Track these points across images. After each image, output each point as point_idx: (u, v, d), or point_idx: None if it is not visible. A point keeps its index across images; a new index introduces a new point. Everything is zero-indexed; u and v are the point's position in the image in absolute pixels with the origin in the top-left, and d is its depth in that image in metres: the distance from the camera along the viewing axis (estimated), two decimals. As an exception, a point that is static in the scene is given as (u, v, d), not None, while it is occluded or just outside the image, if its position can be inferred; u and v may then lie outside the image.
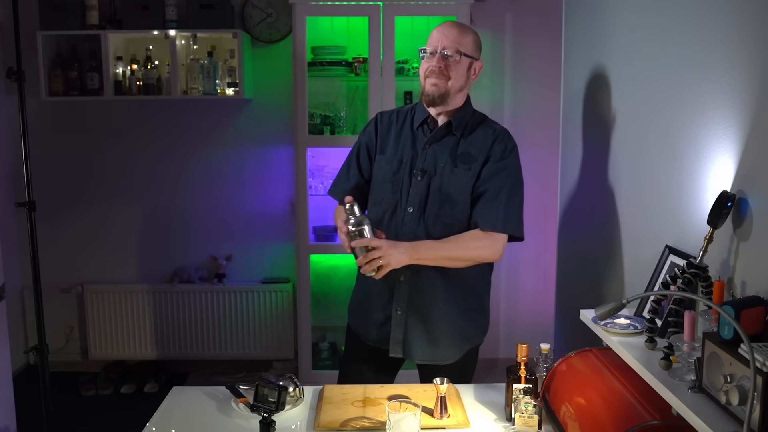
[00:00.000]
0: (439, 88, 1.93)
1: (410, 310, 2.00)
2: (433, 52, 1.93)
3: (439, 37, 1.94)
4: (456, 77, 1.94)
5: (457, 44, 1.92)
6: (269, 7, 3.67)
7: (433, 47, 1.94)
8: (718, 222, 1.45)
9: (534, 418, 1.61)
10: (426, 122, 2.02)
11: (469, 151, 1.96)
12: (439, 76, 1.92)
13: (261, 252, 3.90)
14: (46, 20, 3.51)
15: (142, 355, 3.87)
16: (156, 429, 1.71)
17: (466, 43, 1.95)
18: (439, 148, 1.98)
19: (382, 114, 2.12)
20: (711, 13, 1.62)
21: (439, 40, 1.93)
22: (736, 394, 1.12)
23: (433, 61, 1.93)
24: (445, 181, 1.94)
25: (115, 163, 3.85)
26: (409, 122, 2.04)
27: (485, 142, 1.97)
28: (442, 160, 1.96)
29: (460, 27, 1.96)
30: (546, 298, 3.71)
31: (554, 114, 3.28)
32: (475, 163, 1.95)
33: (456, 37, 1.93)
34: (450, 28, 1.94)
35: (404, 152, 2.00)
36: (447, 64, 1.92)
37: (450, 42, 1.92)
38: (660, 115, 1.93)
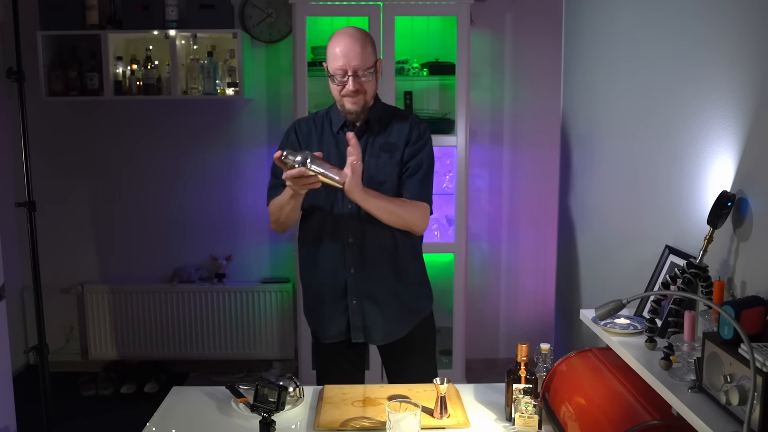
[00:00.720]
0: (359, 105, 2.02)
1: (363, 298, 2.08)
2: (345, 75, 1.98)
3: (345, 59, 1.96)
4: (371, 89, 2.04)
5: (364, 62, 1.97)
6: (269, 7, 3.67)
7: (343, 70, 1.97)
8: (718, 222, 1.45)
9: (534, 418, 1.61)
10: (345, 125, 2.10)
11: (389, 140, 2.08)
12: (356, 95, 2.00)
13: (261, 252, 3.90)
14: (46, 20, 3.51)
15: (142, 355, 3.87)
16: (156, 429, 1.71)
17: (369, 55, 1.99)
18: (362, 144, 2.05)
19: (299, 122, 2.21)
20: (711, 13, 1.62)
21: (346, 63, 1.96)
22: (736, 394, 1.12)
23: (348, 84, 1.98)
24: (373, 171, 2.04)
25: (115, 163, 3.85)
26: (328, 127, 2.13)
27: (403, 130, 2.09)
28: (367, 154, 2.05)
29: (359, 40, 1.98)
30: (546, 298, 3.72)
31: (554, 114, 3.28)
32: (398, 150, 2.07)
33: (360, 54, 1.96)
34: (351, 46, 1.96)
35: (330, 156, 2.07)
36: (360, 83, 1.99)
37: (358, 61, 1.96)
38: (660, 115, 1.93)
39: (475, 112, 3.69)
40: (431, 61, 3.51)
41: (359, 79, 1.98)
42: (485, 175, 3.84)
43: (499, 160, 3.82)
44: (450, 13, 3.31)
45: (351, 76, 1.97)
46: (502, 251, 3.90)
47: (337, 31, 2.02)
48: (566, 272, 3.05)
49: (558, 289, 3.23)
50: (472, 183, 3.75)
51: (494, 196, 3.86)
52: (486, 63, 3.76)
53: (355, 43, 1.97)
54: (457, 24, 3.27)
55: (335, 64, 1.98)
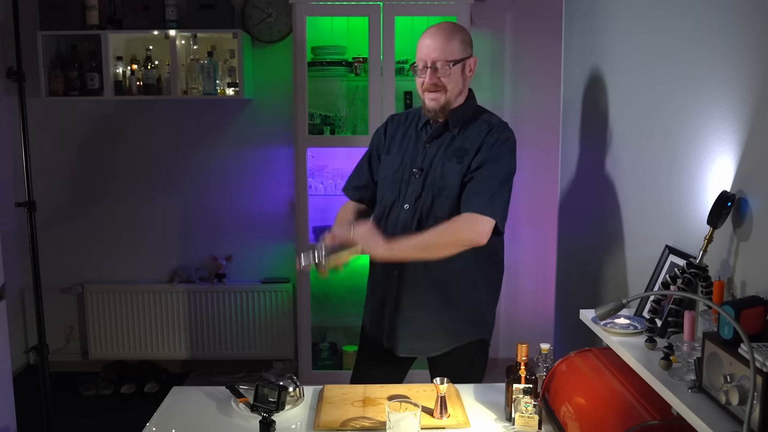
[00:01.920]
0: (438, 102, 1.95)
1: (397, 305, 2.04)
2: (424, 67, 1.92)
3: (426, 50, 1.91)
4: (452, 86, 1.94)
5: (446, 53, 1.90)
6: (269, 7, 3.67)
7: (423, 61, 1.92)
8: (718, 222, 1.45)
9: (534, 418, 1.61)
10: (428, 122, 2.03)
11: (463, 145, 1.96)
12: (436, 90, 1.93)
13: (261, 252, 3.90)
14: (46, 20, 3.51)
15: (142, 355, 3.87)
16: (156, 429, 1.71)
17: (454, 48, 1.92)
18: (437, 146, 2.00)
19: (393, 116, 2.17)
20: (711, 13, 1.62)
21: (427, 54, 1.91)
22: (736, 394, 1.12)
23: (426, 76, 1.92)
24: (437, 176, 1.96)
25: (115, 163, 3.85)
26: (415, 123, 2.07)
27: (480, 135, 1.96)
28: (438, 156, 1.98)
29: (446, 32, 1.92)
30: (546, 298, 3.71)
31: (554, 114, 3.28)
32: (467, 156, 1.94)
33: (443, 46, 1.90)
34: (435, 38, 1.91)
35: (406, 152, 2.03)
36: (440, 77, 1.92)
37: (438, 53, 1.90)
38: (660, 115, 1.93)
39: (475, 112, 3.68)
40: (431, 61, 3.50)
41: (437, 73, 1.90)
42: (485, 175, 3.83)
43: (499, 160, 3.82)
44: (450, 13, 3.31)
45: (429, 68, 1.90)
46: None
47: (432, 25, 1.97)
48: (566, 272, 3.05)
49: (558, 289, 3.23)
50: (472, 183, 3.74)
51: (494, 196, 3.86)
52: (486, 63, 3.76)
53: (438, 34, 1.90)
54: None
55: (418, 54, 1.93)
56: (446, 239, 1.87)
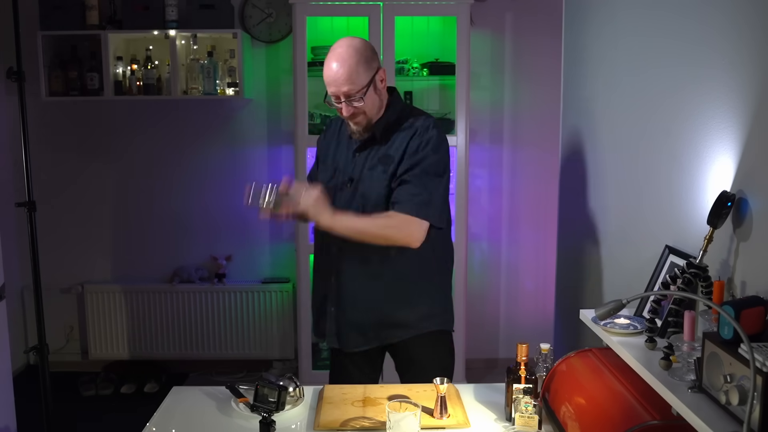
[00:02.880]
0: (361, 124, 1.97)
1: (339, 307, 2.06)
2: (337, 99, 1.93)
3: (335, 85, 1.90)
4: (369, 107, 1.95)
5: (354, 84, 1.89)
6: (269, 7, 3.67)
7: (334, 95, 1.92)
8: (718, 222, 1.45)
9: (534, 418, 1.61)
10: None
11: (388, 152, 1.98)
12: (356, 116, 1.95)
13: (261, 252, 3.90)
14: (46, 20, 3.51)
15: (142, 355, 3.87)
16: (156, 429, 1.71)
17: (360, 75, 1.90)
18: (365, 155, 2.01)
19: (331, 121, 2.18)
20: (711, 13, 1.62)
21: (337, 89, 1.90)
22: (736, 394, 1.12)
23: (343, 108, 1.93)
24: (366, 186, 1.98)
25: (115, 163, 3.85)
26: (345, 130, 2.08)
27: (403, 141, 1.97)
28: (366, 165, 2.00)
29: (346, 62, 1.89)
30: (546, 298, 3.72)
31: (554, 114, 3.28)
32: (392, 164, 1.96)
33: (349, 78, 1.89)
34: (339, 71, 1.89)
35: (338, 161, 2.05)
36: (355, 106, 1.92)
37: (347, 86, 1.89)
38: (660, 115, 1.93)
39: (475, 112, 3.69)
40: (431, 61, 3.51)
41: (352, 103, 1.91)
42: (485, 175, 3.84)
43: (499, 160, 3.82)
44: (450, 13, 3.31)
45: (343, 101, 1.92)
46: (502, 251, 3.90)
47: (332, 48, 1.94)
48: (566, 272, 3.05)
49: (558, 289, 3.23)
50: (472, 183, 3.75)
51: (494, 196, 3.86)
52: (486, 63, 3.76)
53: (341, 68, 1.89)
54: (457, 24, 3.27)
55: (328, 89, 1.93)
56: (382, 233, 1.92)
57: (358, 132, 1.98)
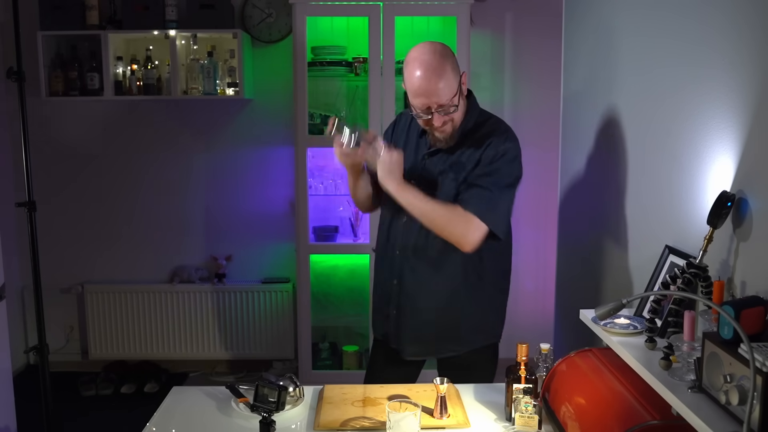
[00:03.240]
0: (447, 134, 1.90)
1: (400, 310, 2.05)
2: (427, 110, 1.83)
3: (425, 96, 1.80)
4: (458, 116, 1.89)
5: (447, 94, 1.81)
6: (269, 7, 3.67)
7: (425, 106, 1.82)
8: (718, 222, 1.45)
9: (534, 418, 1.61)
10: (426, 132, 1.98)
11: (460, 159, 1.92)
12: (443, 127, 1.87)
13: (261, 252, 3.90)
14: (46, 20, 3.51)
15: (142, 355, 3.87)
16: (156, 429, 1.71)
17: (451, 83, 1.82)
18: (437, 158, 1.97)
19: (402, 115, 2.13)
20: (711, 13, 1.62)
21: (428, 99, 1.80)
22: (735, 394, 1.12)
23: (434, 120, 1.84)
24: (435, 191, 1.93)
25: (115, 163, 3.85)
26: (416, 127, 2.01)
27: (477, 150, 1.91)
28: (437, 169, 1.95)
29: (436, 70, 1.79)
30: (546, 298, 3.71)
31: (554, 114, 3.28)
32: (464, 171, 1.91)
33: (442, 88, 1.79)
34: (430, 81, 1.78)
35: (407, 161, 1.98)
36: (447, 115, 1.85)
37: (439, 97, 1.80)
38: (660, 115, 1.93)
39: (475, 112, 3.69)
40: (431, 61, 3.50)
41: (444, 113, 1.83)
42: (485, 175, 3.84)
43: (499, 160, 3.82)
44: (450, 13, 3.31)
45: (435, 112, 1.82)
46: (502, 251, 3.90)
47: (412, 56, 1.83)
48: (566, 272, 3.05)
49: (558, 289, 3.23)
50: (472, 183, 3.74)
51: (494, 196, 3.86)
52: (486, 63, 3.76)
53: (431, 76, 1.77)
54: (457, 24, 3.27)
55: (416, 100, 1.81)
56: (442, 221, 1.85)
57: (444, 141, 1.90)
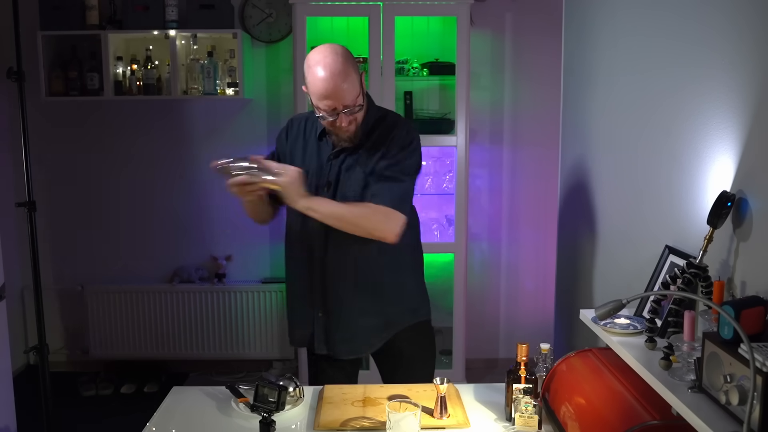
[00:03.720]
0: (351, 132, 1.91)
1: (326, 309, 2.01)
2: (333, 111, 1.83)
3: (333, 98, 1.80)
4: (360, 116, 1.91)
5: (351, 95, 1.82)
6: (269, 7, 3.67)
7: (331, 108, 1.82)
8: (718, 222, 1.45)
9: (534, 418, 1.61)
10: (327, 133, 1.97)
11: (367, 154, 1.94)
12: (348, 127, 1.88)
13: (261, 252, 3.90)
14: (46, 20, 3.51)
15: (142, 355, 3.87)
16: (156, 429, 1.71)
17: (355, 84, 1.84)
18: (342, 158, 1.96)
19: (293, 120, 2.11)
20: (711, 13, 1.62)
21: (334, 101, 1.81)
22: (735, 394, 1.12)
23: (340, 120, 1.85)
24: (345, 188, 1.93)
25: (115, 163, 3.85)
26: (313, 131, 2.02)
27: (382, 143, 1.93)
28: (344, 167, 1.95)
29: (341, 72, 1.80)
30: (546, 298, 3.72)
31: (554, 114, 3.28)
32: (371, 163, 1.92)
33: (345, 88, 1.80)
34: (334, 83, 1.79)
35: (310, 164, 1.98)
36: (353, 116, 1.87)
37: (345, 97, 1.81)
38: (660, 115, 1.93)
39: (475, 112, 3.69)
40: (431, 61, 3.51)
41: (351, 113, 1.85)
42: (485, 175, 3.84)
43: (499, 160, 3.83)
44: (450, 13, 3.31)
45: (341, 112, 1.83)
46: (502, 251, 3.90)
47: (315, 59, 1.84)
48: (566, 272, 3.05)
49: (558, 289, 3.23)
50: (472, 183, 3.75)
51: (494, 196, 3.86)
52: (486, 63, 3.76)
53: (337, 78, 1.79)
54: (457, 24, 3.27)
55: (321, 102, 1.82)
56: (362, 222, 1.87)
57: (348, 140, 1.92)
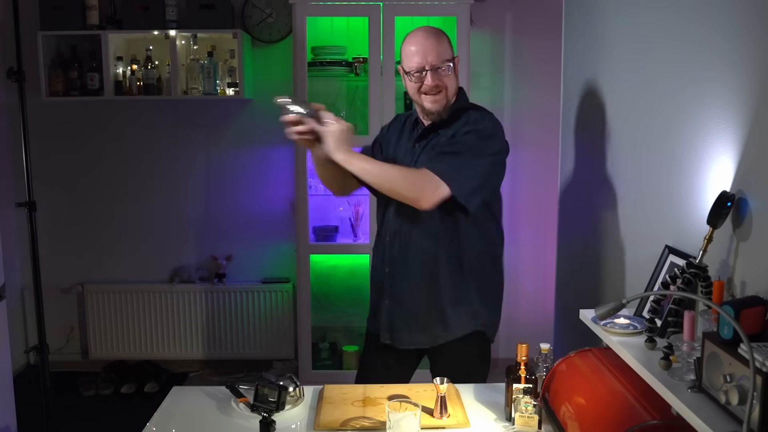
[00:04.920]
0: (440, 104, 1.94)
1: (393, 300, 2.06)
2: (421, 70, 1.90)
3: (421, 54, 1.90)
4: (451, 86, 1.95)
5: (442, 54, 1.91)
6: (269, 7, 3.67)
7: (419, 65, 1.90)
8: (718, 222, 1.45)
9: (534, 418, 1.61)
10: (418, 122, 2.05)
11: (441, 140, 1.96)
12: (438, 91, 1.92)
13: (261, 252, 3.90)
14: (46, 20, 3.51)
15: (142, 355, 3.87)
16: (156, 429, 1.71)
17: (447, 48, 1.94)
18: (423, 145, 2.01)
19: (398, 116, 2.19)
20: (711, 13, 1.62)
21: (423, 58, 1.90)
22: (735, 394, 1.12)
23: (427, 79, 1.90)
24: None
25: (115, 163, 3.85)
26: (410, 125, 2.09)
27: (456, 127, 1.95)
28: (422, 154, 1.98)
29: (435, 34, 1.93)
30: (546, 298, 3.71)
31: (554, 114, 3.28)
32: (439, 145, 1.94)
33: (437, 48, 1.90)
34: (427, 41, 1.90)
35: (398, 151, 2.05)
36: (440, 77, 1.91)
37: (435, 56, 1.90)
38: (660, 115, 1.93)
39: (475, 112, 3.69)
40: (431, 61, 3.50)
41: (438, 74, 1.90)
42: (485, 175, 3.84)
43: (499, 160, 3.82)
44: (450, 13, 3.31)
45: (429, 71, 1.89)
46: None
47: (412, 31, 1.96)
48: (566, 272, 3.05)
49: (558, 289, 3.23)
50: (472, 183, 3.74)
51: (494, 196, 3.86)
52: (486, 63, 3.76)
53: (429, 38, 1.90)
54: (457, 24, 3.27)
55: (411, 61, 1.91)
56: (395, 183, 1.86)
57: (435, 112, 1.95)
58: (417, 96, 1.96)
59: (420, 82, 1.92)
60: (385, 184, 1.87)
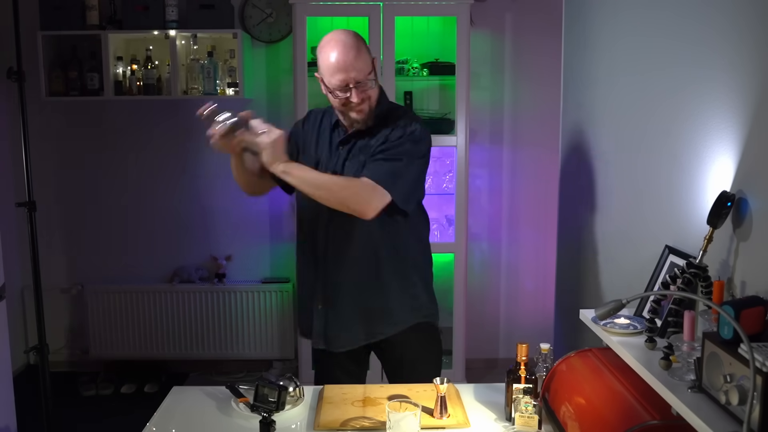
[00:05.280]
0: (364, 114, 1.91)
1: (327, 302, 2.01)
2: (345, 88, 1.85)
3: (343, 71, 1.84)
4: (374, 95, 1.92)
5: (364, 68, 1.86)
6: (269, 7, 3.67)
7: (343, 83, 1.85)
8: (718, 222, 1.45)
9: (534, 418, 1.61)
10: (339, 124, 2.00)
11: (370, 143, 1.94)
12: (362, 104, 1.89)
13: (261, 252, 3.90)
14: (46, 20, 3.51)
15: (142, 355, 3.87)
16: (156, 429, 1.71)
17: (366, 59, 1.88)
18: (348, 148, 1.98)
19: (311, 112, 2.13)
20: (711, 13, 1.62)
21: (346, 74, 1.84)
22: (735, 394, 1.12)
23: (353, 96, 1.86)
24: (347, 173, 1.93)
25: (115, 163, 3.85)
26: (328, 123, 2.04)
27: (386, 132, 1.93)
28: (349, 158, 1.96)
29: (354, 46, 1.85)
30: (546, 298, 3.71)
31: (554, 114, 3.28)
32: (371, 150, 1.92)
33: (358, 62, 1.84)
34: (348, 55, 1.83)
35: (321, 153, 2.00)
36: (365, 91, 1.88)
37: (357, 72, 1.84)
38: (660, 115, 1.93)
39: (475, 112, 3.69)
40: (431, 61, 3.51)
41: (362, 89, 1.86)
42: (485, 175, 3.84)
43: (499, 160, 3.83)
44: (450, 13, 3.31)
45: (353, 87, 1.85)
46: (502, 251, 3.90)
47: (326, 40, 1.88)
48: (566, 272, 3.05)
49: (558, 289, 3.23)
50: (472, 183, 3.75)
51: (494, 196, 3.86)
52: (486, 63, 3.76)
53: (349, 52, 1.83)
54: (457, 24, 3.27)
55: (334, 78, 1.85)
56: (337, 193, 1.85)
57: (361, 122, 1.92)
58: (341, 108, 1.93)
59: (345, 98, 1.88)
60: (327, 196, 1.85)
